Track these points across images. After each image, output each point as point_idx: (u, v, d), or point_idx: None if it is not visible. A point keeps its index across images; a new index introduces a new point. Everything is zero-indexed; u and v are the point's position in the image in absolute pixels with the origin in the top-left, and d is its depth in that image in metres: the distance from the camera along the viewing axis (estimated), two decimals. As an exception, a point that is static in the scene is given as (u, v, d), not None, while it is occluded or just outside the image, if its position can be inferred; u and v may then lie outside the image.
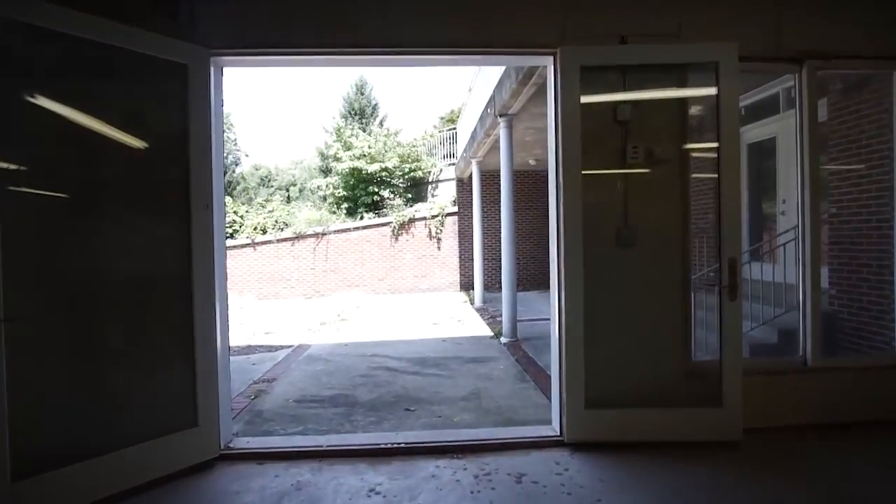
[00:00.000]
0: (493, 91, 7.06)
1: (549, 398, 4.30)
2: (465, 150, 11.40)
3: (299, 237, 13.34)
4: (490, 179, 13.29)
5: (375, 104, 26.63)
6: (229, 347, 3.38)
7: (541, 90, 6.13)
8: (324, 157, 21.51)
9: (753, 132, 6.43)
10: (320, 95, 70.71)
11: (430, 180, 15.41)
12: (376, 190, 14.31)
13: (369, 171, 14.24)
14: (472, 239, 12.90)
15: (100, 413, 2.66)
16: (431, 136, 16.39)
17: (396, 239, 13.57)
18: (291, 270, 13.38)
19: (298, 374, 5.69)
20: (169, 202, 2.96)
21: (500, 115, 6.98)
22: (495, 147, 9.58)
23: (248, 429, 3.96)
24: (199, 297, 2.96)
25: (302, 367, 6.07)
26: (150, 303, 2.89)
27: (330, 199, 15.02)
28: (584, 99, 3.12)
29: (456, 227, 13.72)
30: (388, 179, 14.75)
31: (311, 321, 9.52)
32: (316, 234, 13.37)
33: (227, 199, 14.34)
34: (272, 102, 74.21)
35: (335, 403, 4.58)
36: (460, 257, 13.71)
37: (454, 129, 15.26)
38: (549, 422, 3.53)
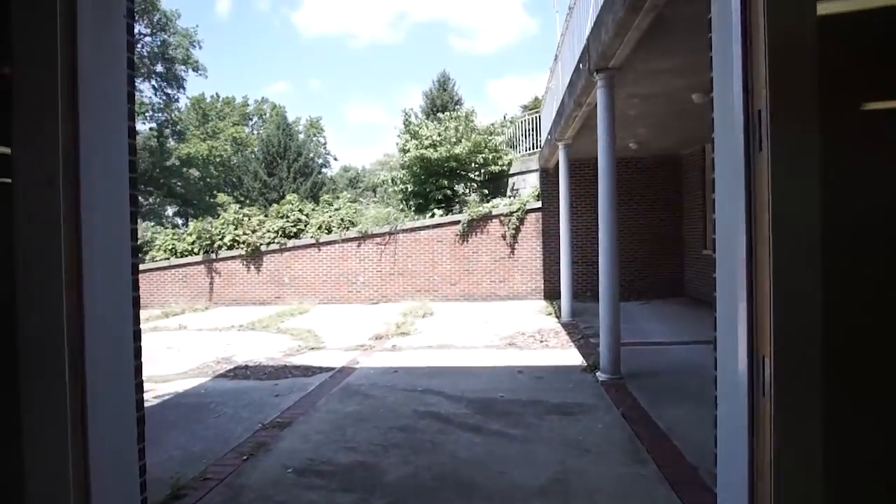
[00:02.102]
0: (588, 37, 5.24)
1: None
2: (549, 133, 9.56)
3: (365, 237, 12.23)
4: (580, 169, 11.32)
5: (458, 100, 25.33)
6: (139, 430, 1.99)
7: (657, 26, 4.25)
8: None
9: None
10: (408, 92, 71.53)
11: (509, 172, 13.66)
12: (446, 183, 12.81)
13: (435, 159, 12.73)
14: (558, 239, 11.03)
15: None
16: (511, 121, 14.59)
17: (469, 239, 12.01)
18: (357, 273, 12.31)
19: (321, 418, 4.30)
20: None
21: (598, 71, 5.15)
22: (588, 125, 7.68)
23: (204, 529, 2.59)
24: (32, 338, 1.57)
25: (332, 404, 4.70)
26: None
27: (399, 195, 13.77)
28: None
29: (539, 225, 11.88)
30: (462, 172, 13.21)
31: (368, 332, 8.24)
32: (383, 234, 12.18)
33: (294, 195, 13.62)
34: (361, 103, 76.38)
35: (348, 482, 3.10)
36: (544, 260, 11.85)
37: (537, 111, 13.39)
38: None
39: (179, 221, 33.40)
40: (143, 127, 28.17)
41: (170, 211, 36.37)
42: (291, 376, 5.79)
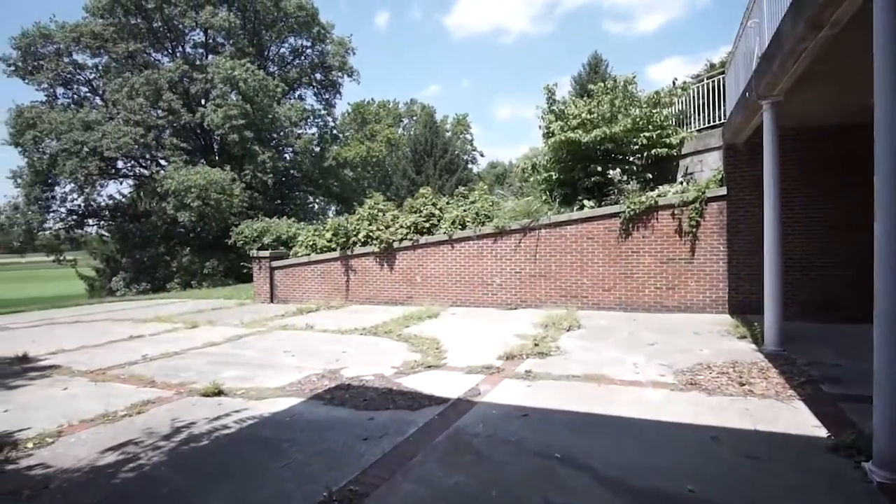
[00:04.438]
0: None
1: None
2: (746, 89, 7.03)
3: (503, 233, 10.80)
4: (793, 140, 8.39)
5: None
6: None
7: None
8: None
9: None
10: (558, 85, 68.61)
11: (680, 152, 11.05)
12: (599, 169, 10.67)
13: (586, 142, 10.64)
14: (751, 235, 8.35)
15: None
16: (683, 87, 11.81)
17: (629, 235, 9.83)
18: (493, 273, 10.95)
19: (408, 494, 2.97)
20: None
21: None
22: (814, 73, 5.24)
23: None
24: None
25: (429, 466, 3.35)
26: None
27: (542, 185, 12.03)
28: None
29: (723, 218, 9.22)
30: (619, 155, 10.96)
31: (498, 348, 6.79)
32: (522, 229, 10.63)
33: (427, 188, 12.74)
34: (509, 99, 75.48)
35: None
36: (729, 263, 9.17)
37: (720, 73, 10.55)
38: None
39: (341, 220, 35.90)
40: (305, 132, 30.44)
41: (332, 211, 39.42)
42: (393, 407, 4.61)
